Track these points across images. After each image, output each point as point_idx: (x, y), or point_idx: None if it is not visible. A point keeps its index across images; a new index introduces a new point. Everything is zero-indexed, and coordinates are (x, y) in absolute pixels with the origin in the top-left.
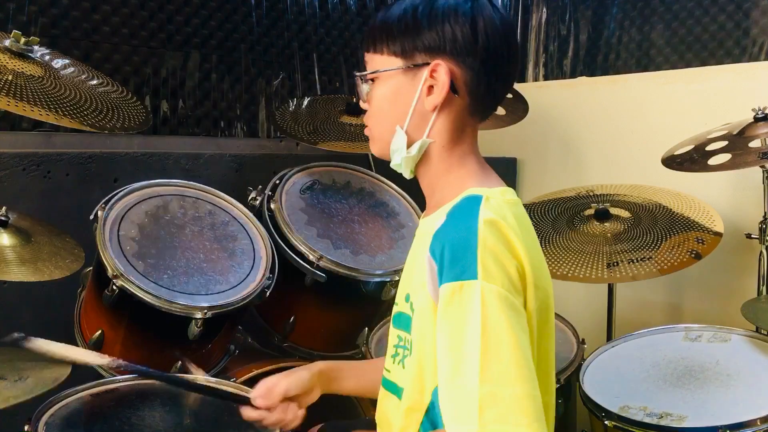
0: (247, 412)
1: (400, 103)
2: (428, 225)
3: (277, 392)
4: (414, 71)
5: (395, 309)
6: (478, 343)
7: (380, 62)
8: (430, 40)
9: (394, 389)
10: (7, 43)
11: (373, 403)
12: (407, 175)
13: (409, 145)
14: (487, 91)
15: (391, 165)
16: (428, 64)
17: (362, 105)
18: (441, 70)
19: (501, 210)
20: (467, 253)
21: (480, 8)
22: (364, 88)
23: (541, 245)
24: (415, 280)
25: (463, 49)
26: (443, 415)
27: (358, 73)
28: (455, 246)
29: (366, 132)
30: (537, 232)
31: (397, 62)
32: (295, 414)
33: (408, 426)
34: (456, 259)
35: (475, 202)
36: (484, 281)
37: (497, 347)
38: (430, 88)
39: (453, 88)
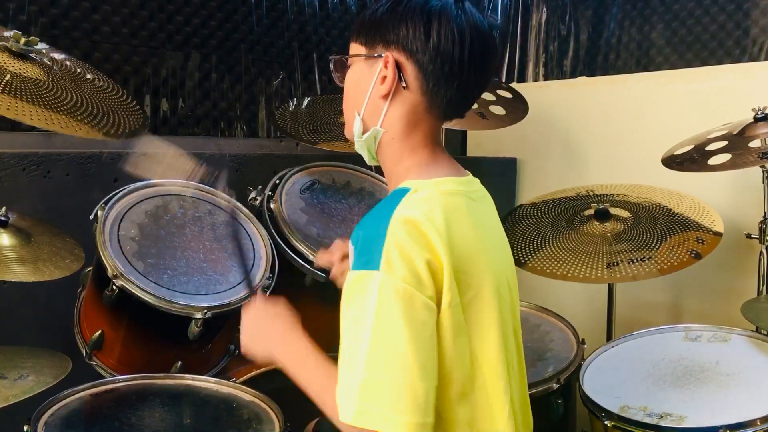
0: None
1: (360, 90)
2: None
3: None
4: (373, 61)
5: None
6: (369, 332)
7: (352, 49)
8: (388, 34)
9: None
10: (7, 43)
11: None
12: (368, 161)
13: (364, 132)
14: (437, 90)
15: (355, 148)
16: (382, 55)
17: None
18: (390, 62)
19: (424, 204)
20: (375, 245)
21: (439, 10)
22: (341, 72)
23: (541, 245)
24: None
25: (413, 46)
26: (336, 388)
27: (330, 56)
28: (367, 236)
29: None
30: (537, 232)
31: (361, 50)
32: None
33: None
34: (365, 248)
35: (398, 195)
36: (384, 273)
37: (386, 336)
38: (384, 78)
39: (405, 82)
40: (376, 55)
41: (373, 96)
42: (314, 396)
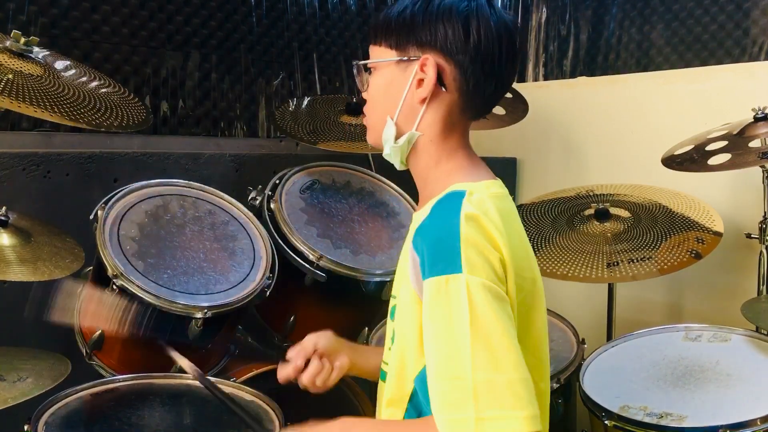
0: (281, 371)
1: (392, 94)
2: (417, 219)
3: (307, 344)
4: (406, 64)
5: (391, 303)
6: (468, 333)
7: (378, 53)
8: (422, 35)
9: (385, 378)
10: (7, 43)
11: (373, 402)
12: (398, 167)
13: (398, 137)
14: (476, 90)
15: (383, 155)
16: (419, 58)
17: (363, 94)
18: (429, 65)
19: (483, 204)
20: (450, 248)
21: (476, 9)
22: (364, 77)
23: (541, 245)
24: (403, 273)
25: (453, 47)
26: (432, 406)
27: (355, 62)
28: (438, 241)
29: (363, 121)
30: (537, 232)
31: (391, 54)
32: (328, 370)
33: (393, 413)
34: (439, 253)
35: (457, 197)
36: (469, 274)
37: (487, 336)
38: (420, 81)
39: (441, 83)
40: (410, 58)
41: (409, 100)
42: None
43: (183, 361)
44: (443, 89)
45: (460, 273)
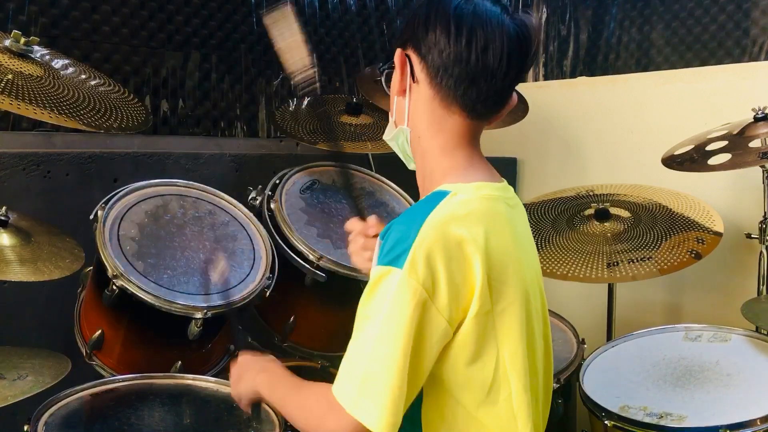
0: (350, 224)
1: (392, 92)
2: None
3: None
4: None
5: None
6: (378, 327)
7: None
8: (404, 33)
9: None
10: (7, 43)
11: None
12: (407, 164)
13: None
14: (442, 83)
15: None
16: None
17: None
18: (398, 56)
19: (461, 208)
20: (403, 244)
21: (445, 5)
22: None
23: (541, 245)
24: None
25: (417, 40)
26: (340, 367)
27: (380, 67)
28: (397, 234)
29: None
30: (537, 232)
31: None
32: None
33: None
34: (393, 246)
35: (437, 197)
36: (406, 274)
37: (394, 336)
38: (399, 75)
39: (413, 76)
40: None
41: (394, 94)
42: (297, 410)
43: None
44: (414, 81)
45: (399, 269)
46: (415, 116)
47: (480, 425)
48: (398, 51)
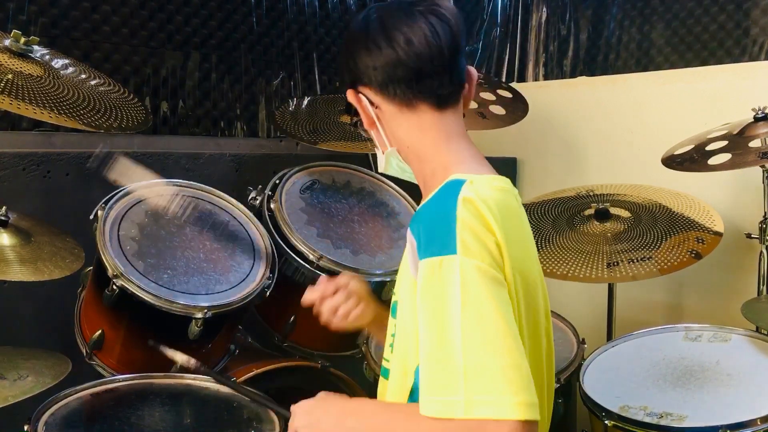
0: (308, 294)
1: (367, 129)
2: None
3: (340, 279)
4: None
5: (393, 299)
6: (459, 316)
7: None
8: (346, 76)
9: (387, 375)
10: (7, 43)
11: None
12: (413, 180)
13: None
14: (396, 94)
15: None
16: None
17: None
18: (352, 97)
19: (483, 192)
20: (445, 230)
21: (370, 27)
22: None
23: (541, 245)
24: (404, 266)
25: (359, 72)
26: (421, 387)
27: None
28: (434, 223)
29: None
30: (537, 232)
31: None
32: (353, 304)
33: None
34: (434, 235)
35: (457, 184)
36: (463, 256)
37: (479, 319)
38: (362, 112)
39: (373, 105)
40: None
41: (367, 128)
42: None
43: (179, 356)
44: (376, 108)
45: (454, 254)
46: (396, 134)
47: None
48: (349, 93)
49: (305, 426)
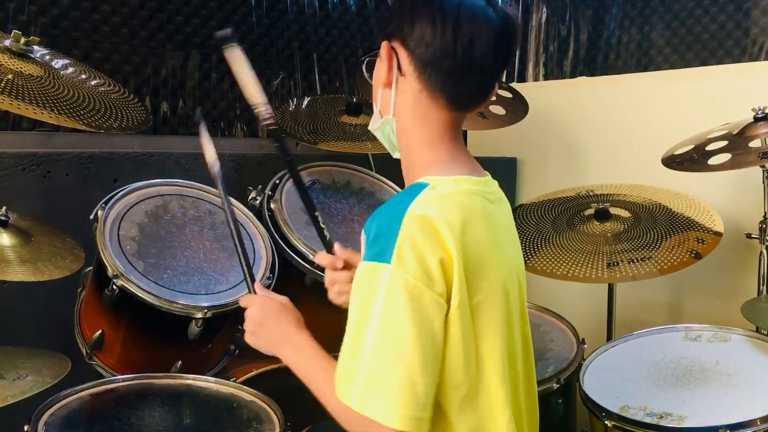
0: (323, 257)
1: (376, 83)
2: None
3: (353, 256)
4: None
5: None
6: (378, 321)
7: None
8: (389, 25)
9: None
10: (7, 43)
11: None
12: (391, 153)
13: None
14: (431, 77)
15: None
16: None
17: None
18: (384, 49)
19: (439, 200)
20: (387, 238)
21: (447, 7)
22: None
23: (541, 245)
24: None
25: (404, 33)
26: (337, 372)
27: (362, 57)
28: (380, 228)
29: None
30: (537, 232)
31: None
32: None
33: None
34: (377, 240)
35: (416, 190)
36: (394, 268)
37: (393, 329)
38: (385, 67)
39: (400, 69)
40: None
41: (380, 86)
42: (318, 392)
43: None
44: (401, 74)
45: (387, 263)
46: (401, 108)
47: (461, 419)
48: (384, 44)
49: (254, 318)
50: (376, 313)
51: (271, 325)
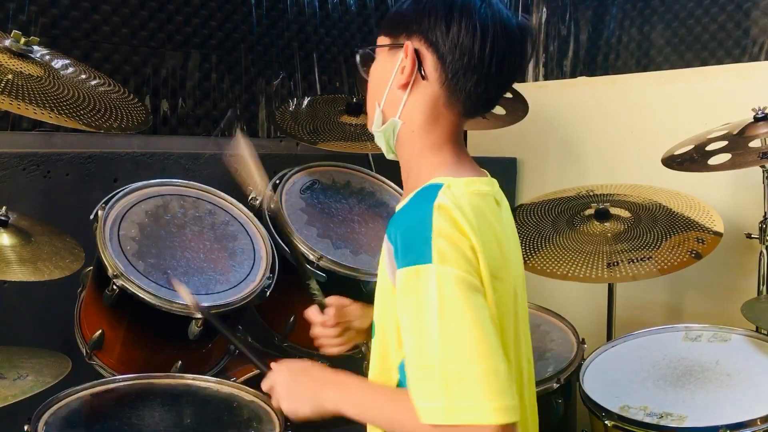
0: (313, 313)
1: (382, 80)
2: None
3: (351, 310)
4: (395, 51)
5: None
6: (437, 324)
7: (378, 42)
8: (411, 24)
9: None
10: (7, 43)
11: None
12: (386, 155)
13: (383, 124)
14: (457, 85)
15: (375, 142)
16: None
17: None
18: (409, 51)
19: (457, 199)
20: (421, 238)
21: (465, 4)
22: (370, 67)
23: (541, 245)
24: (381, 262)
25: (434, 37)
26: (411, 393)
27: (357, 50)
28: (410, 231)
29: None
30: (537, 232)
31: (385, 41)
32: (341, 342)
33: None
34: (411, 244)
35: (434, 189)
36: (439, 264)
37: (456, 327)
38: (404, 68)
39: (423, 73)
40: (397, 44)
41: (393, 86)
42: (389, 424)
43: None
44: (424, 78)
45: (430, 263)
46: (412, 111)
47: None
48: (407, 44)
49: (283, 383)
50: (434, 314)
51: (302, 379)
